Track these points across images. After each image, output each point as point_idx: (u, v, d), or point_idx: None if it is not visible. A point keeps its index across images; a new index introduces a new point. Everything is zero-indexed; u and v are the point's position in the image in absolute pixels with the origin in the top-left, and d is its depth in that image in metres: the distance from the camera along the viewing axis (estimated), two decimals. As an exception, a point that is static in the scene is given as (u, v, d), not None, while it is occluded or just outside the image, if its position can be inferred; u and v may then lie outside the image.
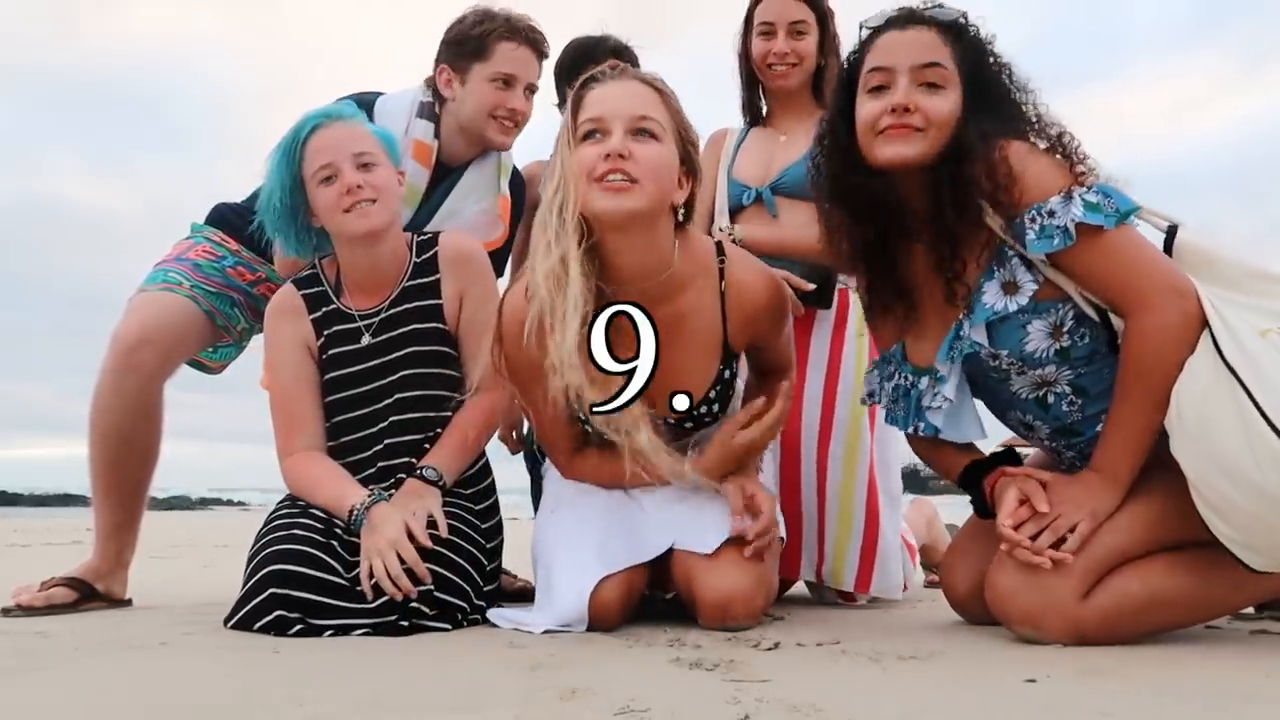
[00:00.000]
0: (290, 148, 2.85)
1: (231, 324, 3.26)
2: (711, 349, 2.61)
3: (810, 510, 3.27)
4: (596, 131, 2.44)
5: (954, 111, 2.34)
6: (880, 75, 2.37)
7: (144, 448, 3.09)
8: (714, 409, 2.66)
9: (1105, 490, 2.27)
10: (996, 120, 2.35)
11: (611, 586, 2.48)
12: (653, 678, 1.84)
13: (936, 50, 2.36)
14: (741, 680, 1.80)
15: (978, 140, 2.31)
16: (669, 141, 2.48)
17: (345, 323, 2.89)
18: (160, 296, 3.14)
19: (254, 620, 2.45)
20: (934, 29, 2.39)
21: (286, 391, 2.88)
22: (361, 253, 2.87)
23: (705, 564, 2.52)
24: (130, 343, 3.00)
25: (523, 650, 2.17)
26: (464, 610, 2.56)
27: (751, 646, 2.21)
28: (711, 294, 2.58)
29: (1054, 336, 2.36)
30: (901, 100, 2.33)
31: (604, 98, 2.48)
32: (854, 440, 3.26)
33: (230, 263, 3.27)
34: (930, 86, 2.34)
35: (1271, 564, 2.15)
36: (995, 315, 2.36)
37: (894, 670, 1.93)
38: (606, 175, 2.39)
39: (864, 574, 3.24)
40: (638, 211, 2.42)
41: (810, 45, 3.46)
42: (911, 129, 2.33)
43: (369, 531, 2.55)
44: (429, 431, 2.81)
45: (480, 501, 2.88)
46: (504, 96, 3.31)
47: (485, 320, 2.82)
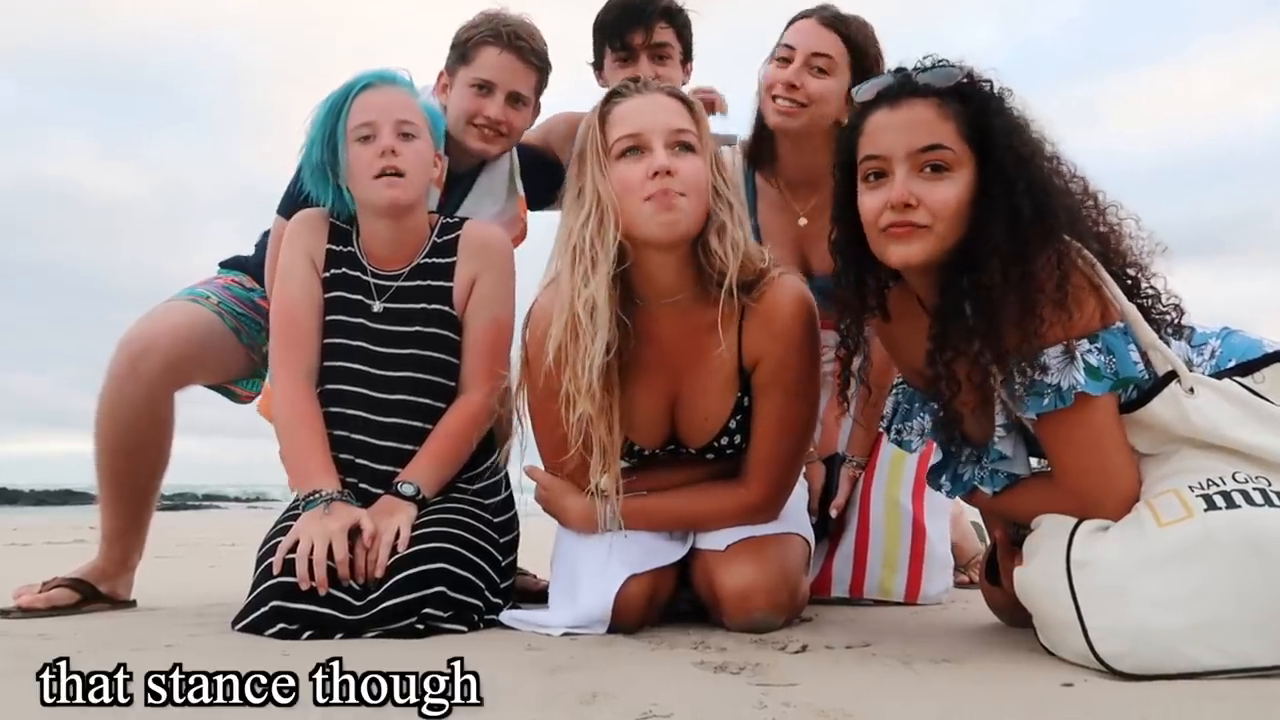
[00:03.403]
0: (338, 101, 2.86)
1: (257, 345, 3.24)
2: (729, 376, 2.56)
3: (851, 519, 3.27)
4: (636, 148, 2.42)
5: (963, 199, 2.11)
6: (875, 163, 2.15)
7: (151, 458, 3.06)
8: (735, 439, 2.62)
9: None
10: (1022, 210, 2.08)
11: (637, 585, 2.49)
12: (676, 681, 1.85)
13: (935, 129, 2.12)
14: (768, 684, 1.80)
15: (1004, 240, 2.07)
16: (702, 153, 2.47)
17: (357, 290, 2.89)
18: (181, 305, 3.15)
19: (258, 629, 2.45)
20: (932, 101, 2.14)
21: (293, 299, 2.87)
22: (382, 223, 2.88)
23: (723, 558, 2.54)
24: (136, 349, 2.98)
25: (541, 652, 2.18)
26: (479, 610, 2.57)
27: (778, 649, 2.22)
28: (733, 311, 2.50)
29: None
30: (899, 196, 2.10)
31: (637, 111, 2.46)
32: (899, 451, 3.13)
33: (259, 295, 3.28)
34: (934, 170, 2.11)
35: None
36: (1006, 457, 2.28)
37: (926, 674, 1.93)
38: (656, 195, 2.38)
39: (913, 583, 3.23)
40: (687, 228, 2.41)
41: (830, 89, 3.06)
42: (914, 227, 2.11)
43: (319, 515, 2.54)
44: (432, 423, 2.81)
45: (490, 496, 2.89)
46: (482, 104, 3.27)
47: (490, 313, 2.86)
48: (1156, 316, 2.19)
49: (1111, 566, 1.96)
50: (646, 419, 2.59)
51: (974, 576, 3.56)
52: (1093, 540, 2.04)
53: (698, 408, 2.59)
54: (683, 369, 2.57)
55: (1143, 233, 2.23)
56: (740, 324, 2.51)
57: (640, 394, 2.56)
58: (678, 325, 2.54)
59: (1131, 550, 1.96)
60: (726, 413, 2.58)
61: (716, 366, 2.54)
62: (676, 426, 2.64)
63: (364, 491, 2.72)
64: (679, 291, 2.52)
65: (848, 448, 3.30)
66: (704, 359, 2.54)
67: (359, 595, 2.47)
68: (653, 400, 2.58)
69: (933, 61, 2.18)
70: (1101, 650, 1.90)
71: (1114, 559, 1.97)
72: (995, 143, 2.12)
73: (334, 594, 2.45)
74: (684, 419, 2.62)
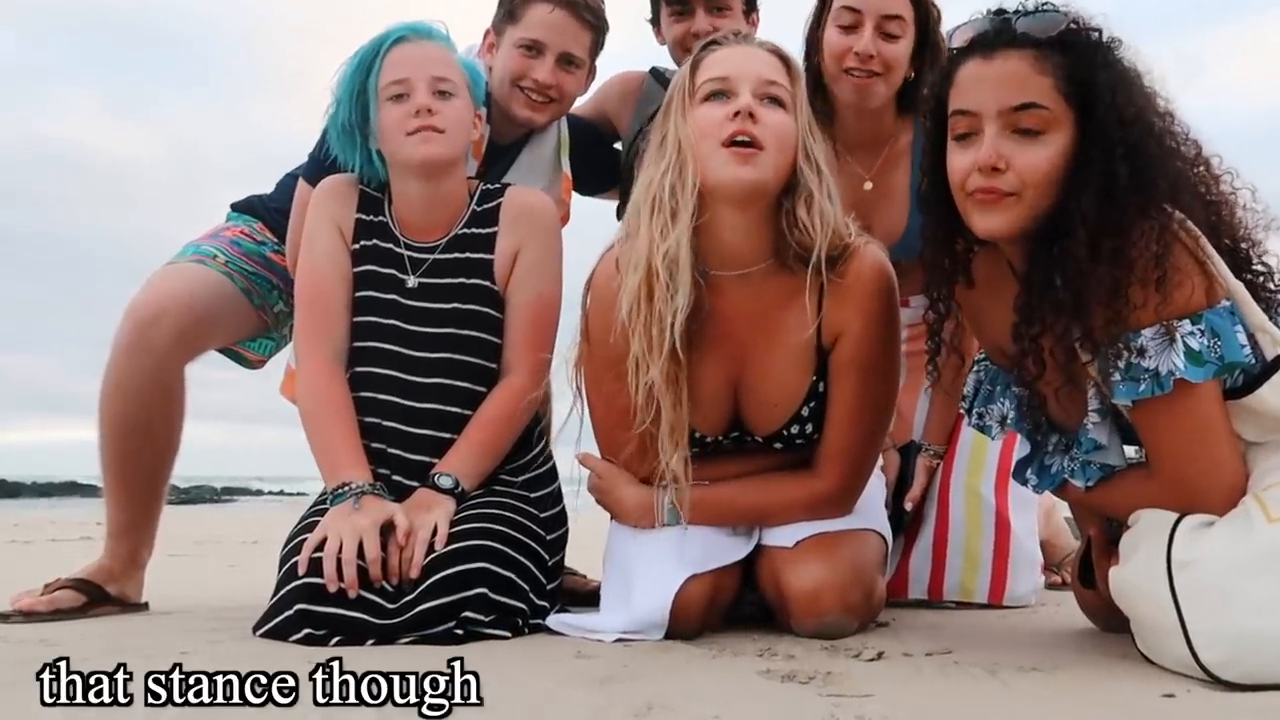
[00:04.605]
0: (367, 57, 2.86)
1: (269, 305, 3.26)
2: (805, 356, 2.58)
3: (929, 513, 3.28)
4: (722, 92, 2.46)
5: (1056, 163, 2.10)
6: (965, 120, 2.16)
7: (161, 437, 3.08)
8: (806, 428, 2.64)
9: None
10: (1118, 176, 2.07)
11: (697, 586, 2.50)
12: (739, 692, 1.87)
13: (1030, 85, 2.11)
14: (840, 695, 1.82)
15: (1093, 210, 2.07)
16: (794, 111, 2.50)
17: (389, 264, 2.90)
18: (187, 268, 3.14)
19: (282, 635, 2.47)
20: (1029, 52, 2.12)
21: (320, 274, 2.89)
22: (416, 186, 2.88)
23: (791, 556, 2.56)
24: (145, 316, 2.97)
25: (592, 660, 2.19)
26: (524, 614, 2.58)
27: (852, 656, 2.23)
28: (814, 287, 2.50)
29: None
30: (986, 159, 2.10)
31: (729, 58, 2.51)
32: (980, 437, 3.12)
33: (270, 248, 3.30)
34: (1027, 131, 2.10)
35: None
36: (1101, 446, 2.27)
37: (1013, 684, 1.94)
38: (734, 137, 2.40)
39: (997, 584, 3.23)
40: (762, 184, 2.43)
41: (902, 52, 3.07)
42: (1001, 193, 2.11)
43: (348, 510, 2.56)
44: (472, 409, 2.82)
45: (537, 489, 2.90)
46: (529, 65, 3.27)
47: (536, 288, 2.87)
48: (1266, 296, 2.18)
49: (1216, 566, 1.95)
50: (709, 402, 2.61)
51: (1066, 577, 3.55)
52: (1196, 537, 2.03)
53: (766, 392, 2.61)
54: (750, 349, 2.59)
55: (1258, 205, 2.22)
56: (820, 300, 2.52)
57: (703, 375, 2.57)
58: (748, 301, 2.56)
59: (1238, 548, 1.96)
60: (799, 398, 2.60)
61: (790, 347, 2.56)
62: (741, 412, 2.65)
63: (397, 484, 2.74)
64: (751, 262, 2.54)
65: (924, 434, 3.31)
66: (775, 339, 2.57)
67: (392, 598, 2.48)
68: (716, 382, 2.60)
69: (1035, 5, 2.16)
70: (1205, 658, 1.90)
71: (1219, 558, 1.96)
72: (1098, 100, 2.10)
73: (365, 596, 2.47)
74: (750, 404, 2.64)
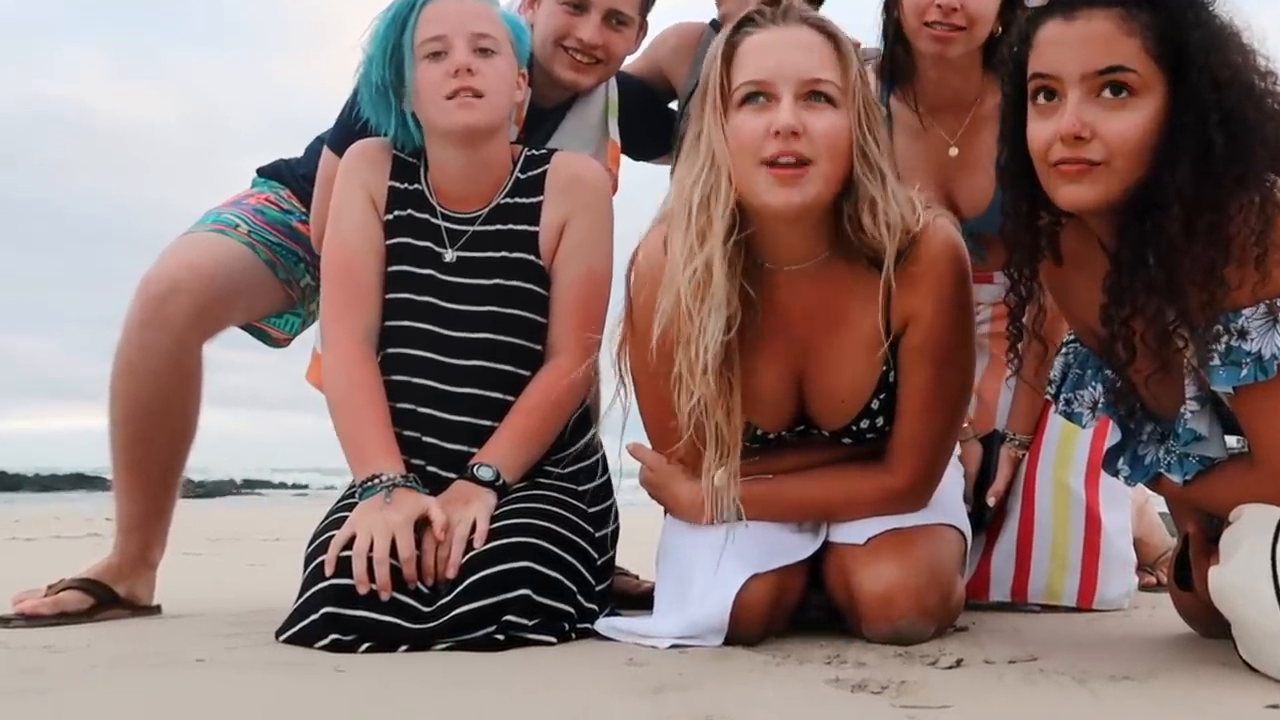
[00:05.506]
0: (402, 9, 2.84)
1: (295, 278, 3.27)
2: (872, 346, 2.54)
3: (1013, 508, 3.27)
4: (759, 94, 2.41)
5: (1148, 129, 2.08)
6: (1046, 83, 2.14)
7: (176, 422, 3.07)
8: (877, 422, 2.62)
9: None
10: (1214, 145, 2.04)
11: (760, 587, 2.50)
12: (805, 702, 1.87)
13: (1116, 47, 2.07)
14: (916, 706, 1.81)
15: (1188, 183, 2.04)
16: (846, 106, 2.44)
17: (425, 236, 2.89)
18: (207, 238, 3.13)
19: (307, 641, 2.47)
20: (1115, 11, 2.08)
21: (349, 246, 2.88)
22: (455, 153, 2.88)
23: (862, 554, 2.56)
24: (160, 290, 2.95)
25: (645, 668, 2.20)
26: (570, 618, 2.58)
27: (928, 664, 2.23)
28: (879, 276, 2.48)
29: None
30: (1069, 127, 2.07)
31: (767, 50, 2.44)
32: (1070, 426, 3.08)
33: (297, 217, 3.30)
34: (1114, 95, 2.08)
35: None
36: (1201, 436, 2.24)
37: (1104, 694, 1.93)
38: (776, 159, 2.37)
39: (1086, 585, 3.23)
40: (812, 204, 2.41)
41: (988, 5, 3.02)
42: (1087, 163, 2.08)
43: (379, 505, 2.56)
44: (514, 394, 2.81)
45: (585, 481, 2.90)
46: (572, 22, 3.24)
47: (585, 264, 2.86)
48: None
49: None
50: (770, 399, 2.61)
51: (1162, 577, 3.55)
52: None
53: (833, 387, 2.60)
54: (814, 342, 2.58)
55: None
56: (888, 287, 2.49)
57: (763, 371, 2.57)
58: (809, 292, 2.55)
59: None
60: (868, 391, 2.59)
61: (856, 337, 2.55)
62: (807, 407, 2.65)
63: (433, 475, 2.75)
64: (810, 258, 2.52)
65: (1008, 424, 3.30)
66: (839, 330, 2.56)
67: (427, 600, 2.49)
68: (778, 378, 2.59)
69: None
70: None
71: None
72: (1190, 61, 2.06)
73: (398, 599, 2.47)
74: (816, 399, 2.63)
